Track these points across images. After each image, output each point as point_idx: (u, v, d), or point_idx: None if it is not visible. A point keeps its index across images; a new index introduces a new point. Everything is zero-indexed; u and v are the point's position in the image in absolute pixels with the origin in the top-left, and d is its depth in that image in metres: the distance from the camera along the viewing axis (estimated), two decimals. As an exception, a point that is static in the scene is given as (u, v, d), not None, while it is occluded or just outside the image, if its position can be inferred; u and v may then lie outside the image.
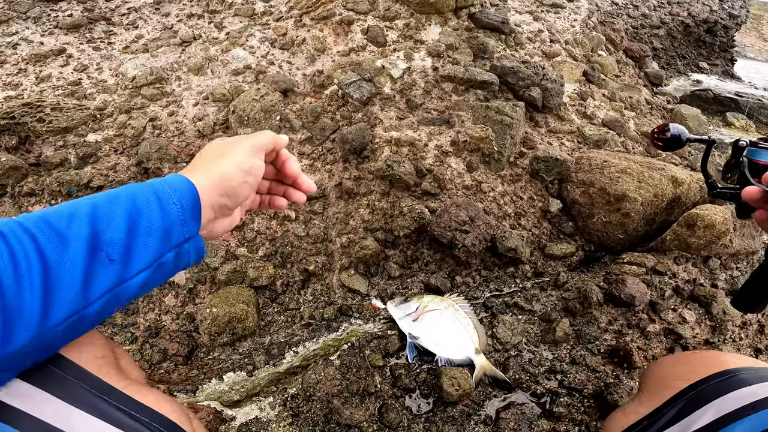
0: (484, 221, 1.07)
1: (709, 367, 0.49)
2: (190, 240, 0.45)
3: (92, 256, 0.38)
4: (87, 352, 0.43)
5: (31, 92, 1.40)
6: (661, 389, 0.51)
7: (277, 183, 0.59)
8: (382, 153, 1.18)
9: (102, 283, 0.38)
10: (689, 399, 0.47)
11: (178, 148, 1.22)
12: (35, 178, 1.21)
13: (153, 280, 0.43)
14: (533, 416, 0.88)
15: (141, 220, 0.41)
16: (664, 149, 0.68)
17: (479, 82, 1.29)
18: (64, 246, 0.36)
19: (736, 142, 0.59)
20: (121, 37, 1.57)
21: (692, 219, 1.12)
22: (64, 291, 0.36)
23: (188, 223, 0.44)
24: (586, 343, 1.01)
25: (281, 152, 0.56)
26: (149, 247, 0.41)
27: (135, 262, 0.40)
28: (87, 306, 0.37)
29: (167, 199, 0.43)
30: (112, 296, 0.39)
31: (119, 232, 0.39)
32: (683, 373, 0.51)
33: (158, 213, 0.42)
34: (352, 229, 1.11)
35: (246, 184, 0.49)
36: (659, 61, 3.08)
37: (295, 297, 1.06)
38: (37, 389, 0.38)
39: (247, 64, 1.42)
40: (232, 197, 0.49)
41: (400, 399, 0.89)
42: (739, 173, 0.59)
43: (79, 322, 0.38)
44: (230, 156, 0.49)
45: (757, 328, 1.14)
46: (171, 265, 0.45)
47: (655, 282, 1.10)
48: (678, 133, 0.66)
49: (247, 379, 0.94)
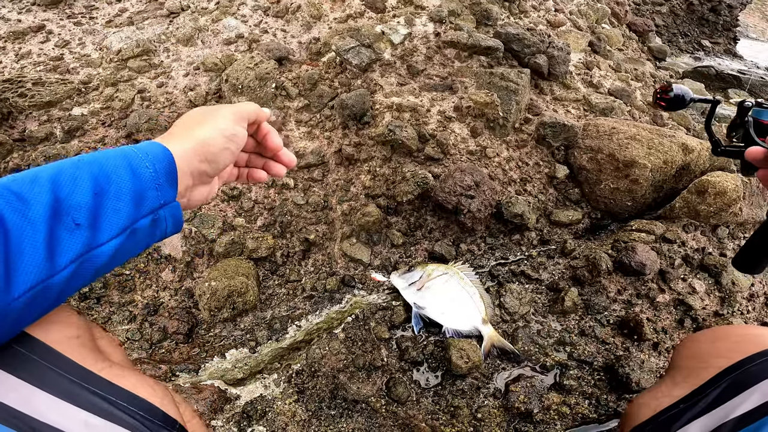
0: (489, 186, 1.04)
1: (752, 345, 0.45)
2: (166, 206, 0.43)
3: (56, 220, 0.35)
4: (57, 332, 0.40)
5: (11, 69, 1.34)
6: (700, 369, 0.47)
7: (256, 156, 0.58)
8: (383, 118, 1.13)
9: (68, 249, 0.35)
10: (733, 380, 0.43)
11: (169, 119, 1.17)
12: (20, 154, 1.16)
13: (127, 248, 0.40)
14: (543, 389, 0.87)
15: (109, 183, 0.38)
16: (666, 109, 0.67)
17: (483, 48, 1.24)
18: (26, 209, 0.34)
19: (742, 102, 0.59)
20: (104, 12, 1.51)
21: (703, 186, 1.09)
22: (27, 257, 0.33)
23: (163, 188, 0.42)
24: (595, 314, 0.99)
25: (262, 125, 0.54)
26: (120, 211, 0.39)
27: (104, 227, 0.38)
28: (53, 275, 0.35)
29: (138, 162, 0.40)
30: (81, 264, 0.37)
31: (85, 196, 0.37)
32: (724, 350, 0.47)
33: (128, 176, 0.39)
34: (353, 196, 1.08)
35: (227, 150, 0.48)
36: (661, 38, 3.03)
37: (295, 268, 1.03)
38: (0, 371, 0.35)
39: (239, 33, 1.35)
40: (212, 163, 0.47)
41: (407, 373, 0.87)
42: (743, 132, 0.59)
43: (45, 293, 0.35)
44: (212, 122, 0.47)
45: (764, 301, 1.13)
46: (146, 233, 0.42)
47: (665, 250, 1.07)
48: (682, 93, 0.66)
49: (249, 355, 0.91)
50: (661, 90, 0.68)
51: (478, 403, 0.84)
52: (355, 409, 0.82)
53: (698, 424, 0.42)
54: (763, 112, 0.58)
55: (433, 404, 0.83)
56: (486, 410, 0.83)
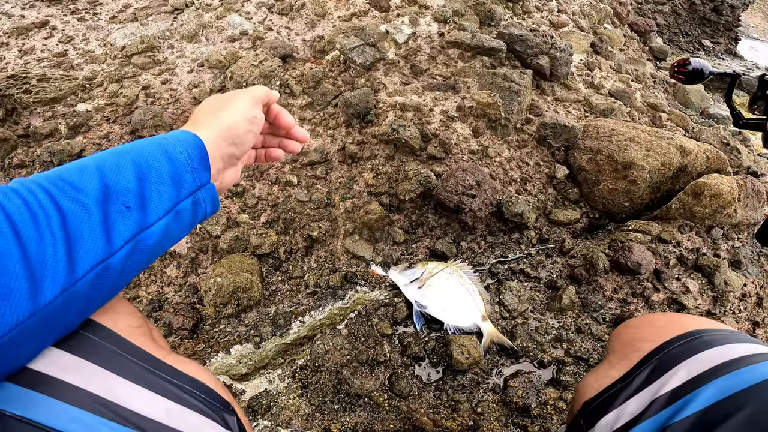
0: (490, 186, 1.06)
1: (673, 329, 0.49)
2: (203, 188, 0.45)
3: (108, 204, 0.37)
4: (123, 321, 0.42)
5: (15, 65, 1.34)
6: (630, 352, 0.51)
7: (270, 136, 0.60)
8: (387, 117, 1.14)
9: (123, 230, 0.38)
10: (659, 360, 0.47)
11: (174, 115, 1.18)
12: (25, 150, 1.16)
13: (174, 229, 0.43)
14: (540, 384, 0.89)
15: (149, 169, 0.41)
16: (685, 82, 0.67)
17: (486, 49, 1.25)
18: (80, 195, 0.36)
19: (763, 76, 0.60)
20: (108, 8, 1.51)
21: (699, 188, 1.11)
22: (86, 239, 0.35)
23: (198, 171, 0.45)
24: (591, 312, 1.02)
25: (273, 106, 0.57)
26: (163, 194, 0.41)
27: (152, 209, 0.40)
28: (112, 254, 0.37)
29: (173, 149, 0.43)
30: (135, 245, 0.39)
31: (130, 181, 0.39)
32: (649, 335, 0.51)
33: (165, 161, 0.42)
34: (355, 193, 1.09)
35: (251, 132, 0.51)
36: (662, 38, 3.04)
37: (299, 265, 1.05)
38: (80, 359, 0.36)
39: (243, 30, 1.36)
40: (239, 146, 0.50)
41: (409, 368, 0.89)
42: (765, 105, 0.59)
43: (106, 273, 0.37)
44: (232, 107, 0.50)
45: (755, 301, 1.15)
46: (189, 214, 0.44)
47: (660, 250, 1.10)
48: (700, 66, 0.66)
49: (254, 351, 0.92)
50: (678, 64, 0.68)
51: (478, 398, 0.86)
52: (358, 404, 0.84)
53: (635, 400, 0.46)
54: None
55: (435, 399, 0.85)
56: (485, 405, 0.85)
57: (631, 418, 0.45)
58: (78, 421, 0.32)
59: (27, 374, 0.33)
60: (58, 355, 0.35)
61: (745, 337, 0.45)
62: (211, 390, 0.44)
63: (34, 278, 0.32)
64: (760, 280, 1.19)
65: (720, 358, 0.42)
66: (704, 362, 0.42)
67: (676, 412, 0.40)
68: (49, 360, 0.35)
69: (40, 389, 0.33)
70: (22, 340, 0.31)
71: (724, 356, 0.42)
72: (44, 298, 0.32)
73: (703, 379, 0.41)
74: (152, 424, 0.36)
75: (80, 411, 0.33)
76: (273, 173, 1.13)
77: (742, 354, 0.41)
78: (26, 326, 0.31)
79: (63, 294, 0.33)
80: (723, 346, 0.43)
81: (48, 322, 0.33)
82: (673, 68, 0.69)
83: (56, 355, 0.35)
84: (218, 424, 0.42)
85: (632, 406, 0.46)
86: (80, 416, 0.33)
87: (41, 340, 0.34)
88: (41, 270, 0.32)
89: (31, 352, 0.34)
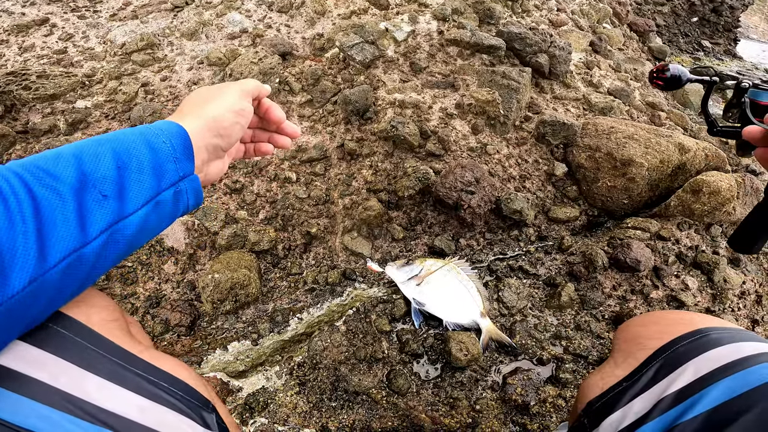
0: (489, 183, 1.06)
1: (680, 327, 0.49)
2: (185, 179, 0.45)
3: (84, 192, 0.36)
4: (97, 315, 0.41)
5: (14, 62, 1.34)
6: (636, 350, 0.51)
7: (260, 131, 0.59)
8: (386, 114, 1.14)
9: (99, 219, 0.37)
10: (666, 359, 0.46)
11: (173, 112, 1.18)
12: (24, 146, 1.16)
13: (153, 220, 0.42)
14: (539, 382, 0.88)
15: (130, 158, 0.40)
16: (663, 89, 0.67)
17: (486, 47, 1.25)
18: (54, 182, 0.35)
19: (739, 83, 0.59)
20: (108, 5, 1.51)
21: (698, 185, 1.11)
22: (59, 227, 0.34)
23: (181, 161, 0.44)
24: (590, 309, 1.01)
25: (263, 100, 0.56)
26: (143, 183, 0.40)
27: (130, 198, 0.39)
28: (86, 243, 0.36)
29: (155, 138, 0.42)
30: (111, 235, 0.38)
31: (108, 169, 0.38)
32: (656, 332, 0.50)
33: (146, 150, 0.41)
34: (354, 190, 1.09)
35: (238, 125, 0.50)
36: (661, 38, 3.05)
37: (297, 261, 1.04)
38: (49, 354, 0.35)
39: (243, 27, 1.36)
40: (225, 138, 0.49)
41: (408, 365, 0.88)
42: (740, 113, 0.59)
43: (79, 263, 0.35)
44: (220, 99, 0.49)
45: (754, 299, 1.15)
46: (170, 205, 0.44)
47: (659, 247, 1.09)
48: (678, 73, 0.65)
49: (252, 348, 0.92)
50: (657, 70, 0.67)
51: (477, 395, 0.85)
52: (356, 401, 0.83)
53: (641, 400, 0.46)
54: (760, 93, 0.58)
55: (433, 396, 0.85)
56: (484, 402, 0.84)
57: (637, 417, 0.44)
58: (45, 418, 0.31)
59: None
60: (25, 349, 0.34)
61: (752, 336, 0.44)
62: (189, 387, 0.43)
63: (2, 267, 0.30)
64: (759, 277, 1.19)
65: (728, 357, 0.41)
66: (712, 361, 0.42)
67: (684, 411, 0.40)
68: (16, 354, 0.33)
69: (5, 385, 0.32)
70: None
71: (732, 355, 0.41)
72: (11, 288, 0.31)
73: (711, 378, 0.40)
74: (124, 422, 0.35)
75: (47, 408, 0.32)
76: (272, 170, 1.13)
77: (750, 353, 0.40)
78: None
79: (32, 284, 0.32)
80: (731, 345, 0.42)
81: (14, 314, 0.32)
82: (651, 74, 0.68)
83: (23, 350, 0.34)
84: (196, 422, 0.41)
85: (638, 405, 0.45)
86: (48, 414, 0.32)
87: (7, 333, 0.33)
88: (10, 259, 0.31)
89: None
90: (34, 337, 0.35)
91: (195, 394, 0.43)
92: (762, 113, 0.56)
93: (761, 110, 0.57)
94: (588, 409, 0.51)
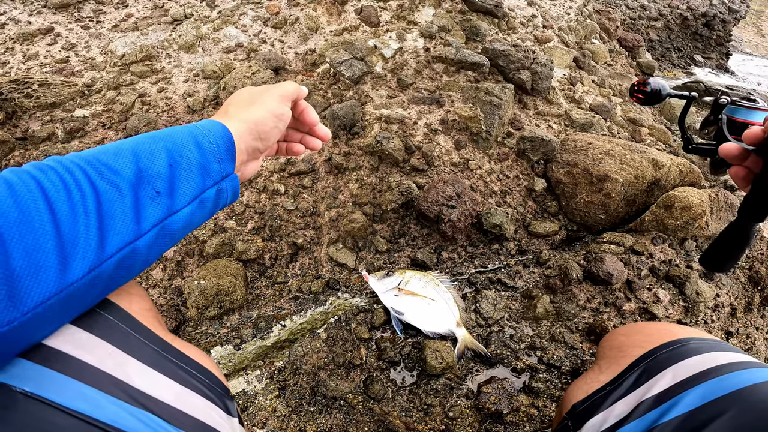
0: (470, 197, 1.09)
1: (662, 336, 0.51)
2: (227, 178, 0.46)
3: (140, 188, 0.38)
4: (137, 304, 0.43)
5: (18, 70, 1.38)
6: (620, 357, 0.53)
7: (294, 131, 0.61)
8: (372, 129, 1.19)
9: (151, 214, 0.38)
10: (647, 366, 0.49)
11: (168, 123, 1.22)
12: (22, 152, 1.20)
13: (196, 217, 0.44)
14: (513, 391, 0.91)
15: (180, 156, 0.42)
16: (644, 103, 0.66)
17: (470, 64, 1.30)
18: (114, 177, 0.37)
19: (717, 99, 0.58)
20: (111, 16, 1.56)
21: (670, 200, 1.14)
22: (118, 220, 0.36)
23: (224, 162, 0.46)
24: (565, 321, 1.04)
25: (300, 102, 0.58)
26: (191, 181, 0.42)
27: (180, 195, 0.41)
28: (139, 236, 0.37)
29: (203, 138, 0.44)
30: (161, 230, 0.39)
31: (162, 167, 0.40)
32: (639, 341, 0.53)
33: (195, 150, 0.43)
34: (340, 203, 1.13)
35: (277, 128, 0.52)
36: (654, 53, 3.10)
37: (283, 271, 1.08)
38: (97, 338, 0.36)
39: (239, 42, 1.41)
40: (264, 141, 0.51)
41: (384, 371, 0.91)
42: (716, 130, 0.58)
43: (132, 255, 0.37)
44: (261, 103, 0.51)
45: (729, 311, 1.18)
46: (212, 202, 0.45)
47: (633, 261, 1.13)
48: (658, 87, 0.64)
49: (234, 352, 0.95)
50: (637, 84, 0.66)
51: (451, 403, 0.88)
52: (334, 406, 0.86)
53: (622, 403, 0.48)
54: (737, 110, 0.57)
55: (408, 402, 0.87)
56: (458, 409, 0.87)
57: (618, 419, 0.47)
58: (90, 399, 0.32)
59: (41, 350, 0.33)
60: (74, 332, 0.35)
61: (729, 347, 0.47)
62: (214, 376, 0.45)
63: (65, 255, 0.32)
64: (734, 291, 1.22)
65: (705, 365, 0.43)
66: (690, 368, 0.44)
67: (662, 414, 0.42)
68: (65, 337, 0.34)
69: (53, 366, 0.32)
70: (45, 317, 0.31)
71: (708, 363, 0.43)
72: (72, 275, 0.32)
73: (688, 384, 0.42)
74: (161, 406, 0.37)
75: (93, 390, 0.33)
76: (261, 182, 1.17)
77: (725, 361, 0.43)
78: (51, 303, 0.31)
79: (90, 272, 0.33)
80: (708, 354, 0.45)
81: (73, 300, 0.33)
82: (632, 88, 0.67)
83: (72, 333, 0.35)
84: (220, 408, 0.43)
85: (620, 408, 0.47)
86: (93, 395, 0.33)
87: (63, 318, 0.34)
88: (72, 248, 0.32)
89: (52, 329, 0.34)
90: (81, 320, 0.36)
91: (218, 383, 0.45)
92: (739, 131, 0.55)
93: (738, 127, 0.56)
94: (572, 412, 0.54)
